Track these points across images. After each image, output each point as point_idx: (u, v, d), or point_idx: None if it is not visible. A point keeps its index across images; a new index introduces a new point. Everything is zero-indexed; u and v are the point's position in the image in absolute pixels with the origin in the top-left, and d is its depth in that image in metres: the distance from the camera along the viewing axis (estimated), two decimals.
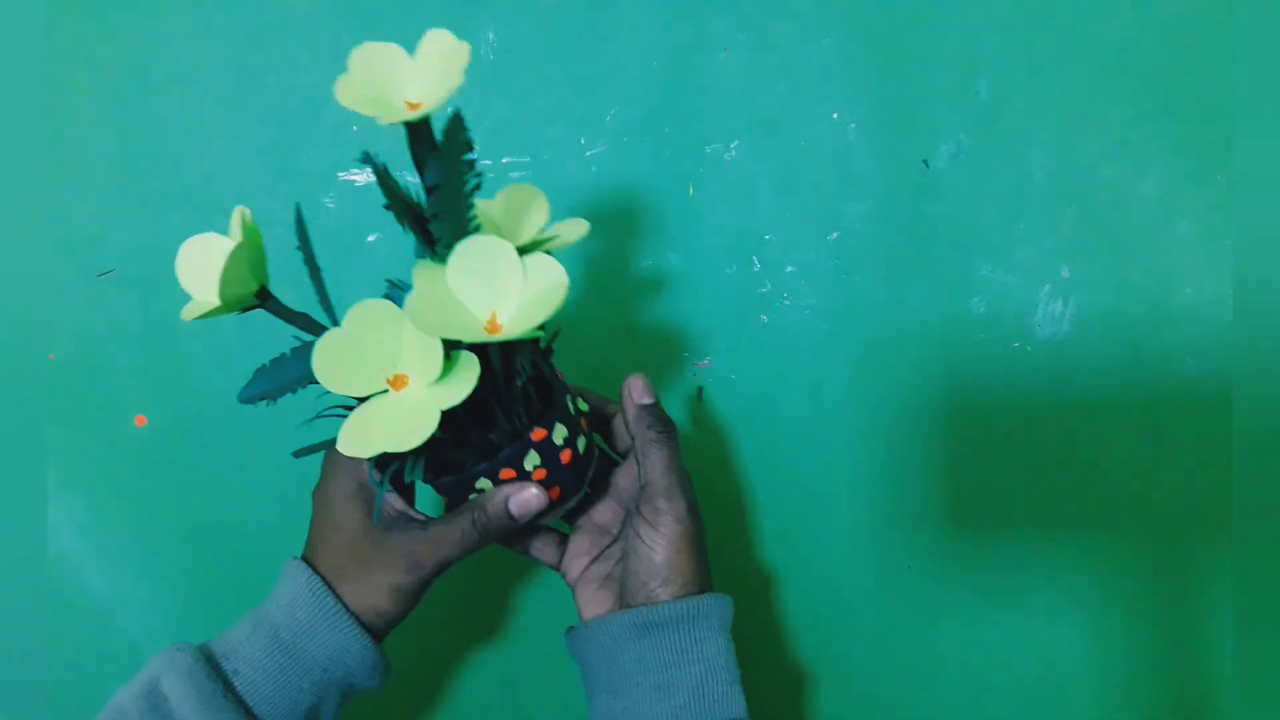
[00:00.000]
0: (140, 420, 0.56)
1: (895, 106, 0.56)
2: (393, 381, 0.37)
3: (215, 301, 0.38)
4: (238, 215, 0.40)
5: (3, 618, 0.45)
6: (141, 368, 0.55)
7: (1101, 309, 0.56)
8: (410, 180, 0.55)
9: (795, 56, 0.56)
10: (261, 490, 0.56)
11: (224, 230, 0.42)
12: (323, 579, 0.43)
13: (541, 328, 0.36)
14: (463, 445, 0.40)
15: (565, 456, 0.41)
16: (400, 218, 0.39)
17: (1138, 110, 0.56)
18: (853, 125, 0.56)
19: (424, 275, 0.37)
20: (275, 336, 0.55)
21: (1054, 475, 0.56)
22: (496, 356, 0.38)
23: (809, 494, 0.56)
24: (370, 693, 0.45)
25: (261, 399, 0.39)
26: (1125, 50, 0.56)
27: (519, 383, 0.39)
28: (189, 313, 0.38)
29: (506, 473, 0.41)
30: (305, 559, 0.44)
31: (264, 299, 0.41)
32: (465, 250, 0.37)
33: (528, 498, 0.41)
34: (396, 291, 0.42)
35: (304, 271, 0.44)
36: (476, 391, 0.36)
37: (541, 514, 0.42)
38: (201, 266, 0.39)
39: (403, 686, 0.57)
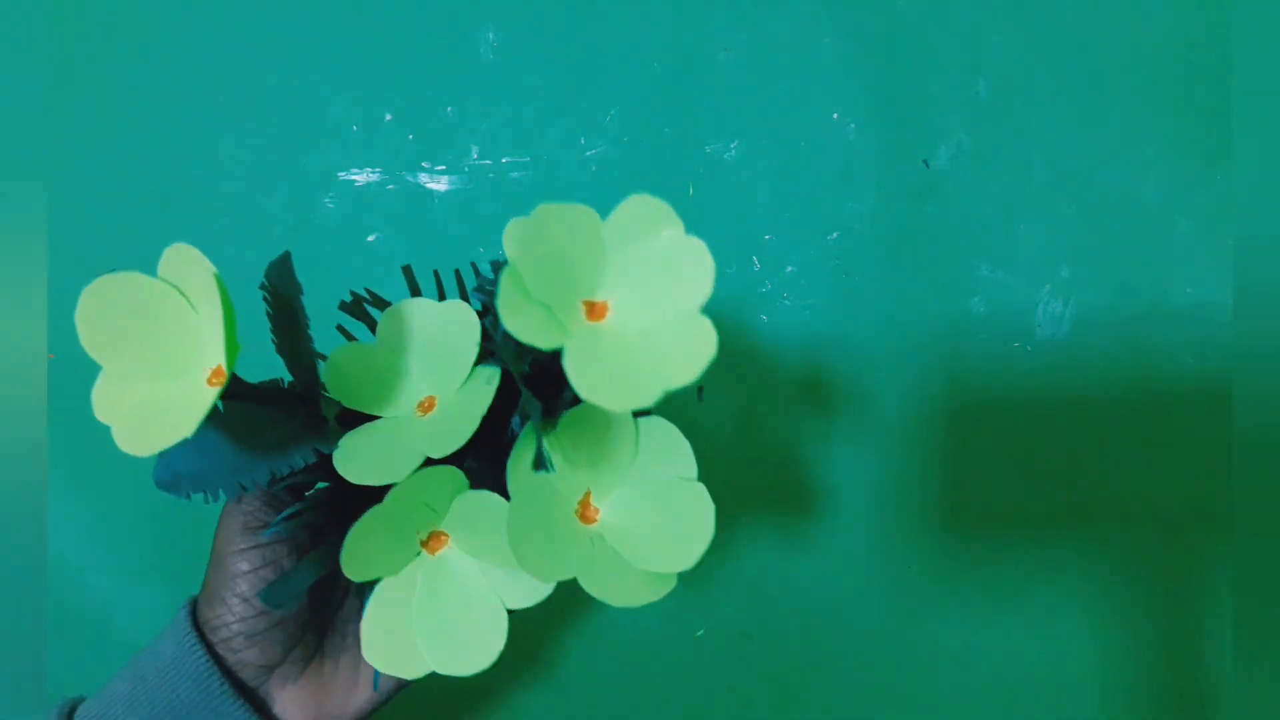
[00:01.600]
0: None
1: (895, 106, 0.56)
2: (427, 543, 0.29)
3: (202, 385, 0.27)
4: (206, 274, 0.28)
5: (3, 617, 0.45)
6: None
7: (1102, 309, 0.56)
8: (425, 183, 0.55)
9: (795, 56, 0.56)
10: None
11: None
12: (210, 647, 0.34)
13: None
14: None
15: None
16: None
17: (1138, 110, 0.56)
18: (853, 125, 0.56)
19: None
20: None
21: (1054, 475, 0.56)
22: None
23: (808, 494, 0.56)
24: None
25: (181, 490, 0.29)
26: (1125, 50, 0.56)
27: None
28: (137, 443, 0.26)
29: None
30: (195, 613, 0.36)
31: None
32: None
33: None
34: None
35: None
36: None
37: None
38: (132, 327, 0.26)
39: None
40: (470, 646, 0.28)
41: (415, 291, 0.35)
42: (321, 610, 0.35)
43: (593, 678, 0.56)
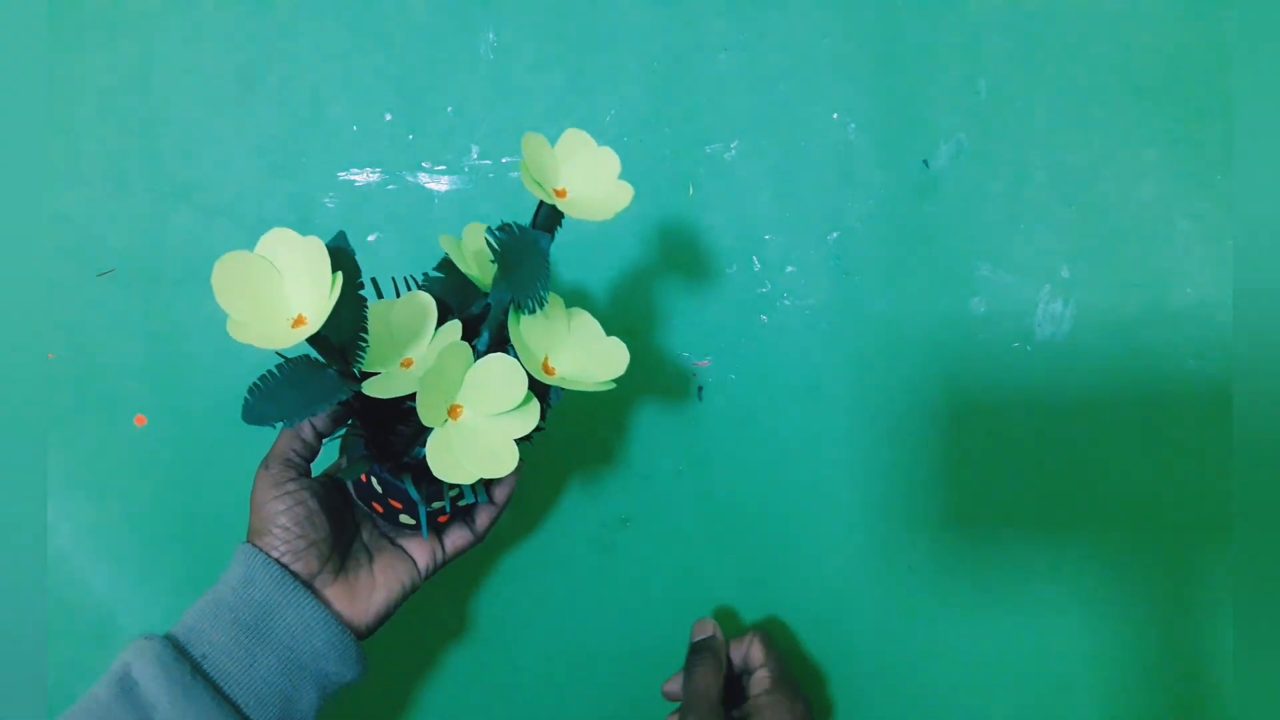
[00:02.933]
0: (140, 420, 0.56)
1: (895, 107, 0.56)
2: (450, 410, 0.41)
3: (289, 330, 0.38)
4: (309, 246, 0.38)
5: (3, 617, 0.46)
6: (141, 367, 0.55)
7: (1101, 309, 0.56)
8: (425, 183, 0.55)
9: (795, 57, 0.56)
10: None
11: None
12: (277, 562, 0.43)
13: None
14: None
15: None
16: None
17: (1137, 110, 0.56)
18: (853, 125, 0.56)
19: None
20: None
21: (1054, 475, 0.56)
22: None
23: (809, 494, 0.56)
24: (349, 685, 0.44)
25: (275, 421, 0.40)
26: (1125, 50, 0.56)
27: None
28: (246, 333, 0.37)
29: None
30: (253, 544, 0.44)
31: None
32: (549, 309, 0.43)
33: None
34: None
35: None
36: None
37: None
38: (261, 284, 0.39)
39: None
40: (495, 460, 0.40)
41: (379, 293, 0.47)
42: (340, 537, 0.45)
43: (595, 676, 0.56)
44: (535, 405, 0.41)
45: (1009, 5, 0.56)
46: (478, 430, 0.41)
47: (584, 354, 0.43)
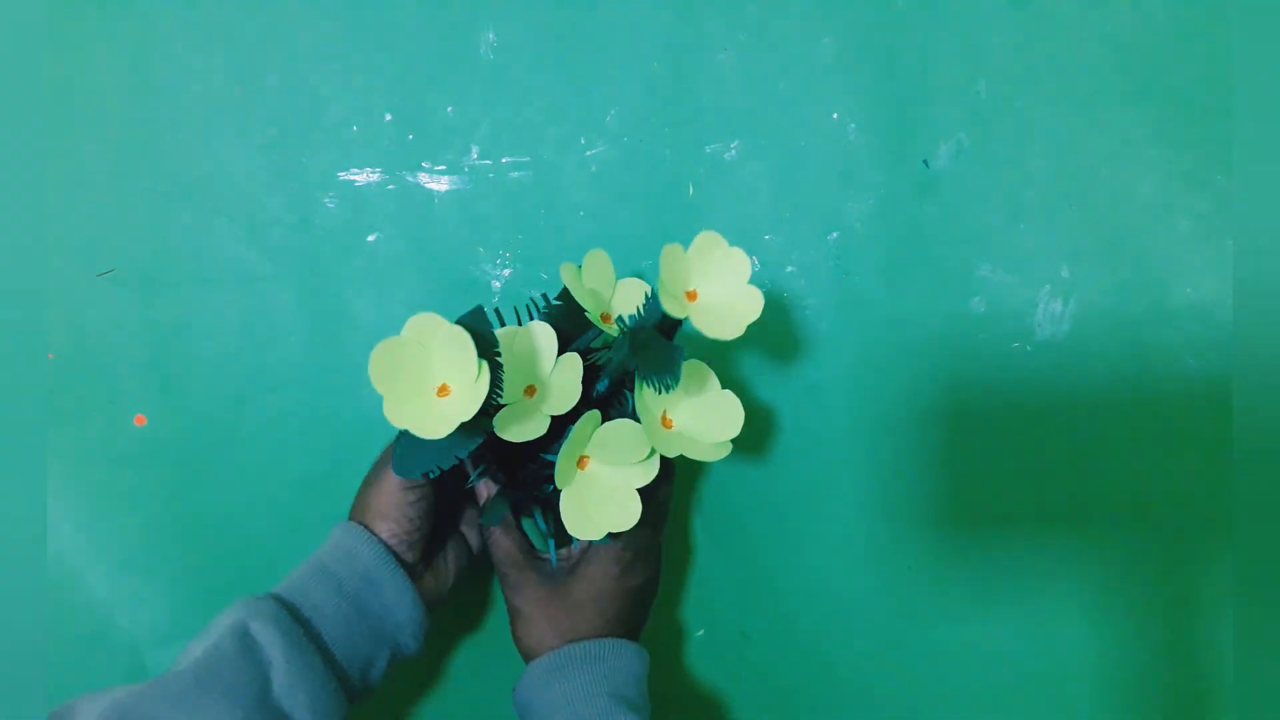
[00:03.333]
0: (140, 420, 0.56)
1: (895, 106, 0.56)
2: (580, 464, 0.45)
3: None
4: (453, 332, 0.41)
5: (2, 617, 0.46)
6: (141, 367, 0.55)
7: (1101, 309, 0.56)
8: (425, 183, 0.55)
9: (795, 56, 0.56)
10: (261, 489, 0.56)
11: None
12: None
13: None
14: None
15: None
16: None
17: (1137, 110, 0.56)
18: (853, 125, 0.56)
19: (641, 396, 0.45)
20: (277, 331, 0.55)
21: (1054, 474, 0.56)
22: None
23: (809, 494, 0.56)
24: (409, 658, 0.48)
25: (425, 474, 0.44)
26: (1125, 50, 0.56)
27: None
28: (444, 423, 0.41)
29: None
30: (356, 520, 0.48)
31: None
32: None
33: None
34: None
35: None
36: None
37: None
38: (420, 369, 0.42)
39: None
40: (622, 514, 0.44)
41: (502, 322, 0.47)
42: (434, 534, 0.50)
43: None
44: (656, 458, 0.45)
45: (1009, 5, 0.56)
46: (605, 484, 0.45)
47: (701, 408, 0.46)
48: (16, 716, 0.45)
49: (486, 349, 0.42)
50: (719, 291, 0.46)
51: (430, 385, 0.42)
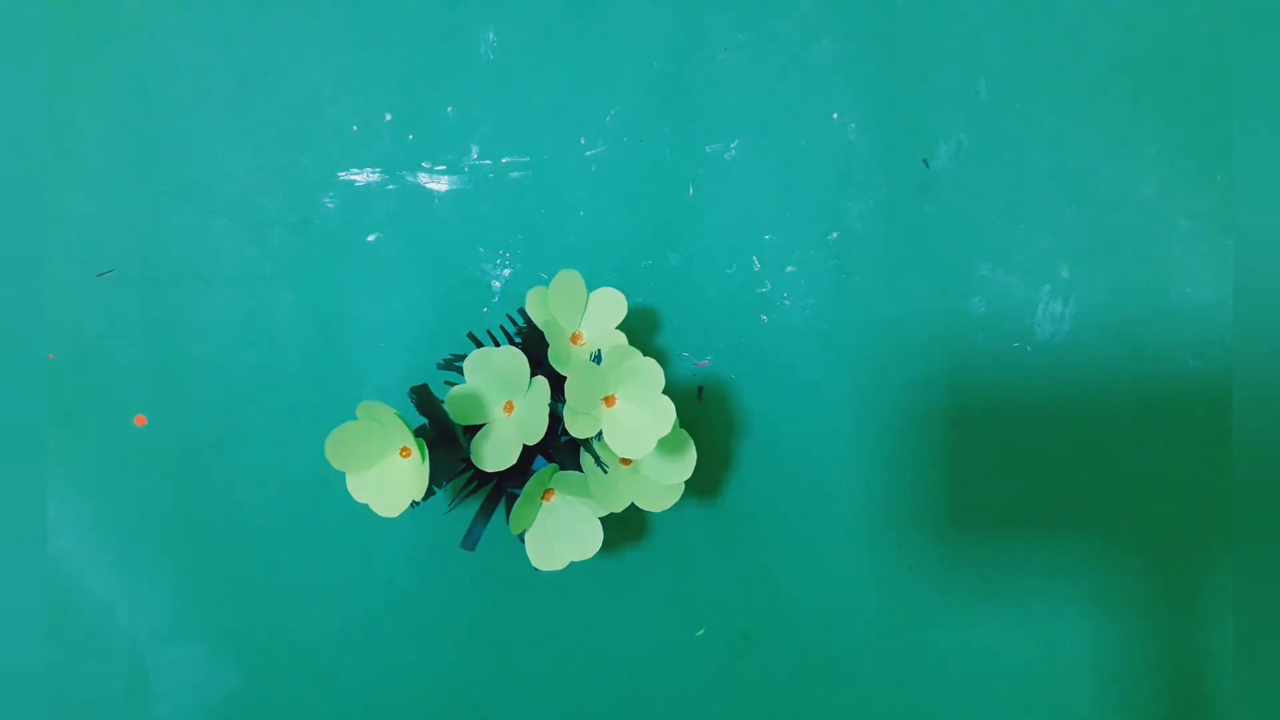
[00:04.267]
0: (140, 420, 0.56)
1: (895, 106, 0.56)
2: (544, 497, 0.49)
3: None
4: (389, 414, 0.44)
5: (2, 617, 0.46)
6: (141, 367, 0.55)
7: (1101, 309, 0.56)
8: (425, 183, 0.55)
9: (795, 56, 0.56)
10: (263, 489, 0.56)
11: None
12: None
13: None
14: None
15: None
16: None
17: (1137, 110, 0.56)
18: (852, 125, 0.56)
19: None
20: (277, 331, 0.55)
21: (1054, 474, 0.56)
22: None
23: (808, 493, 0.56)
24: None
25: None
26: (1125, 51, 0.56)
27: None
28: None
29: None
30: None
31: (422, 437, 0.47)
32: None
33: None
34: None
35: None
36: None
37: None
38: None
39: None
40: (584, 544, 0.48)
41: (479, 345, 0.49)
42: None
43: (593, 676, 0.56)
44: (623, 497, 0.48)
45: (1009, 5, 0.56)
46: (567, 516, 0.49)
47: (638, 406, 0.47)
48: (16, 715, 0.45)
49: (427, 430, 0.47)
50: (631, 406, 0.47)
51: (388, 455, 0.45)
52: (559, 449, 0.49)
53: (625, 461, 0.48)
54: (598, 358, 0.48)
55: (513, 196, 0.56)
